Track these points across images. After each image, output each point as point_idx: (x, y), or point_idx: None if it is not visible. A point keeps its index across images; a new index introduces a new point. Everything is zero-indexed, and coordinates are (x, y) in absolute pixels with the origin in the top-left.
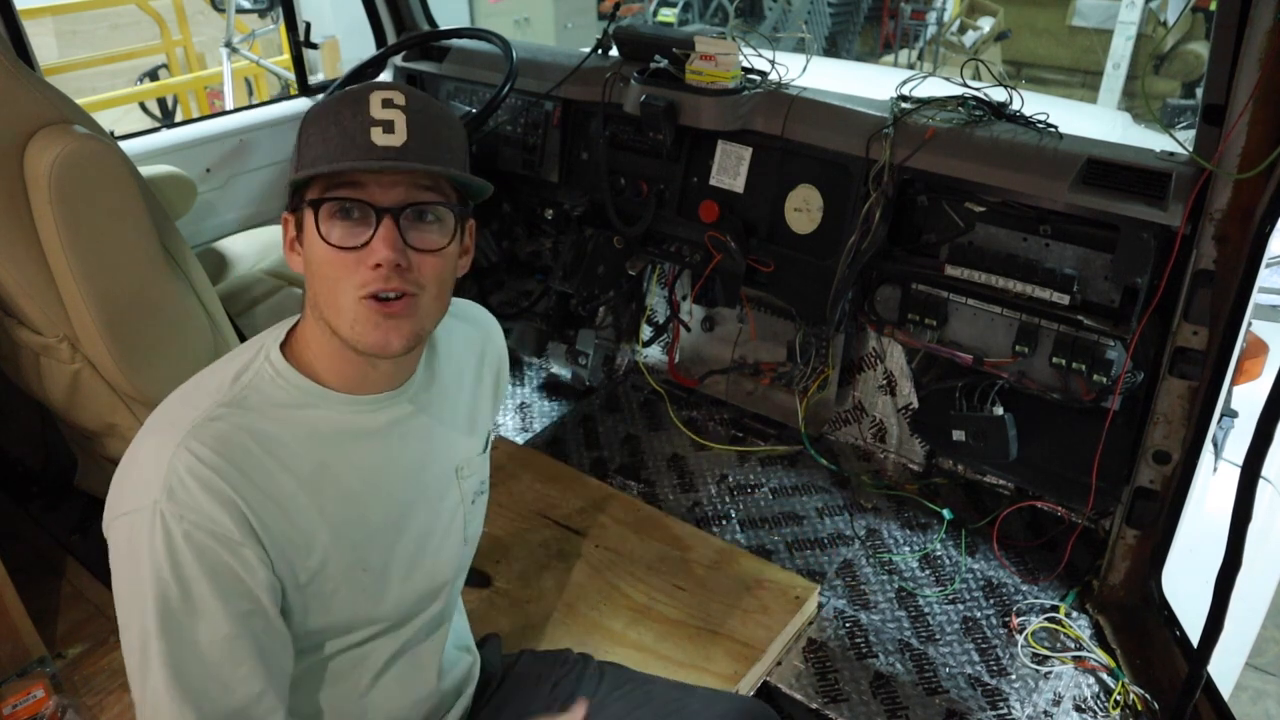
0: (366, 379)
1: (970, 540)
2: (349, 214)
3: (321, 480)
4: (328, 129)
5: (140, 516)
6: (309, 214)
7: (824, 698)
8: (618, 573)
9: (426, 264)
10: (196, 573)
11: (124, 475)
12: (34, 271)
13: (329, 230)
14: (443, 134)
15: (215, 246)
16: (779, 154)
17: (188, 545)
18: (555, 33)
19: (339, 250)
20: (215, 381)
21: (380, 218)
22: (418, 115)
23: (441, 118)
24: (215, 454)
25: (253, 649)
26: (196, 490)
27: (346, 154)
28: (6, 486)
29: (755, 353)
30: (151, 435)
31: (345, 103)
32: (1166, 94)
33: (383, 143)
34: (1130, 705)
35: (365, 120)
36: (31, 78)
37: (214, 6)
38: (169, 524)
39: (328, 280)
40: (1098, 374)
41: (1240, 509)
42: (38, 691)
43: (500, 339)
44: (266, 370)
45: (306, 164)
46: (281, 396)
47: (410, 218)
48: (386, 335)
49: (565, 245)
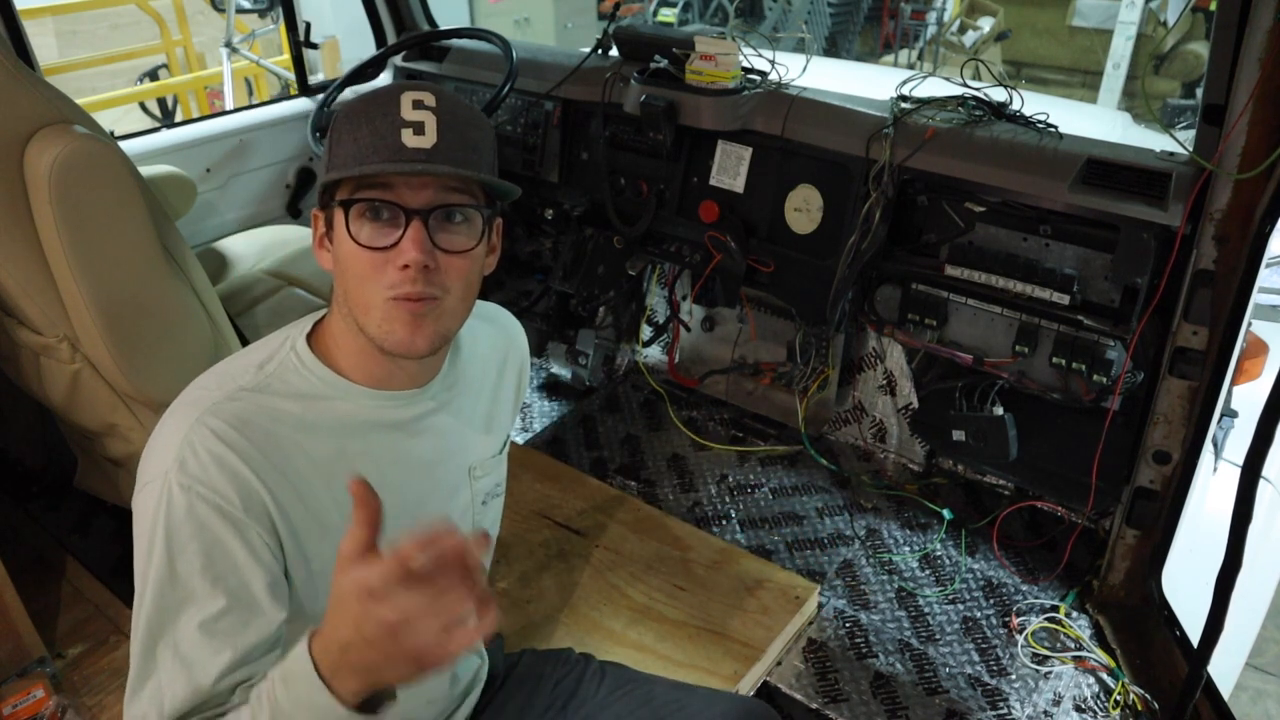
0: (392, 376)
1: (970, 540)
2: (378, 214)
3: (338, 467)
4: (359, 129)
5: (153, 487)
6: (339, 213)
7: (824, 698)
8: (618, 573)
9: (453, 265)
10: (190, 549)
11: (145, 453)
12: (34, 271)
13: (358, 230)
14: (472, 136)
15: (215, 246)
16: (779, 154)
17: (189, 519)
18: (555, 33)
19: (368, 250)
20: (239, 367)
21: (409, 219)
22: (448, 117)
23: (471, 119)
24: (233, 430)
25: (228, 636)
26: (208, 462)
27: (377, 155)
28: (6, 486)
29: (755, 353)
30: (172, 414)
31: (376, 103)
32: (1166, 94)
33: (413, 144)
34: (1130, 705)
35: (396, 121)
36: (31, 78)
37: (214, 6)
38: (174, 494)
39: (356, 278)
40: (1098, 374)
41: (1240, 509)
42: (38, 691)
43: (523, 343)
44: (292, 360)
45: (337, 164)
46: (305, 387)
47: (439, 219)
48: (412, 336)
49: (565, 245)
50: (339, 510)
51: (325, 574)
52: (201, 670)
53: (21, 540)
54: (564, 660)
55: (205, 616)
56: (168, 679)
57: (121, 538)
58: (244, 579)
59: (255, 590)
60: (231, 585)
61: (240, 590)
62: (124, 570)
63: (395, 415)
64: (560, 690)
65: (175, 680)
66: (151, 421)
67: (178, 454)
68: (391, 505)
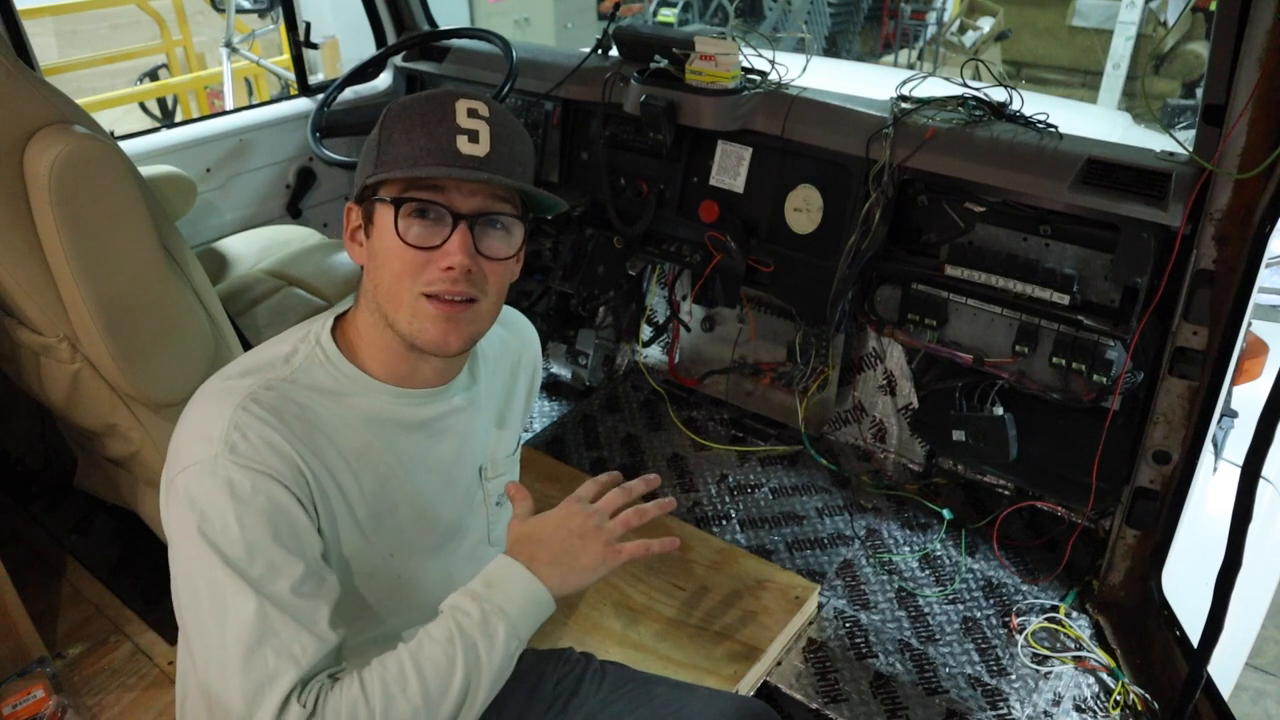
0: (414, 374)
1: (970, 540)
2: (425, 215)
3: (363, 460)
4: (413, 131)
5: (201, 469)
6: (385, 210)
7: (824, 698)
8: (618, 573)
9: (493, 271)
10: (262, 522)
11: (181, 438)
12: (34, 271)
13: (407, 228)
14: (517, 148)
15: (215, 246)
16: (779, 154)
17: (255, 494)
18: (555, 33)
19: (413, 249)
20: (267, 359)
21: (457, 223)
22: (499, 129)
23: (518, 133)
24: (274, 416)
25: (314, 598)
26: (259, 444)
27: (432, 158)
28: (6, 486)
29: (755, 353)
30: (206, 404)
31: (431, 107)
32: (1166, 94)
33: (468, 151)
34: (1130, 705)
35: (452, 127)
36: (31, 78)
37: (214, 6)
38: (234, 475)
39: (394, 274)
40: (1098, 374)
41: (1240, 509)
42: (38, 691)
43: (537, 347)
44: (317, 354)
45: (390, 163)
46: (329, 383)
47: (484, 225)
48: (446, 335)
49: (565, 245)
50: (365, 503)
51: (355, 558)
52: (318, 626)
53: (21, 540)
54: (564, 660)
55: (293, 581)
56: (289, 636)
57: (122, 538)
58: (311, 547)
59: (320, 558)
60: (305, 553)
61: (311, 558)
62: (124, 570)
63: (417, 414)
64: (560, 690)
65: (298, 635)
66: (152, 421)
67: (225, 439)
68: (410, 503)
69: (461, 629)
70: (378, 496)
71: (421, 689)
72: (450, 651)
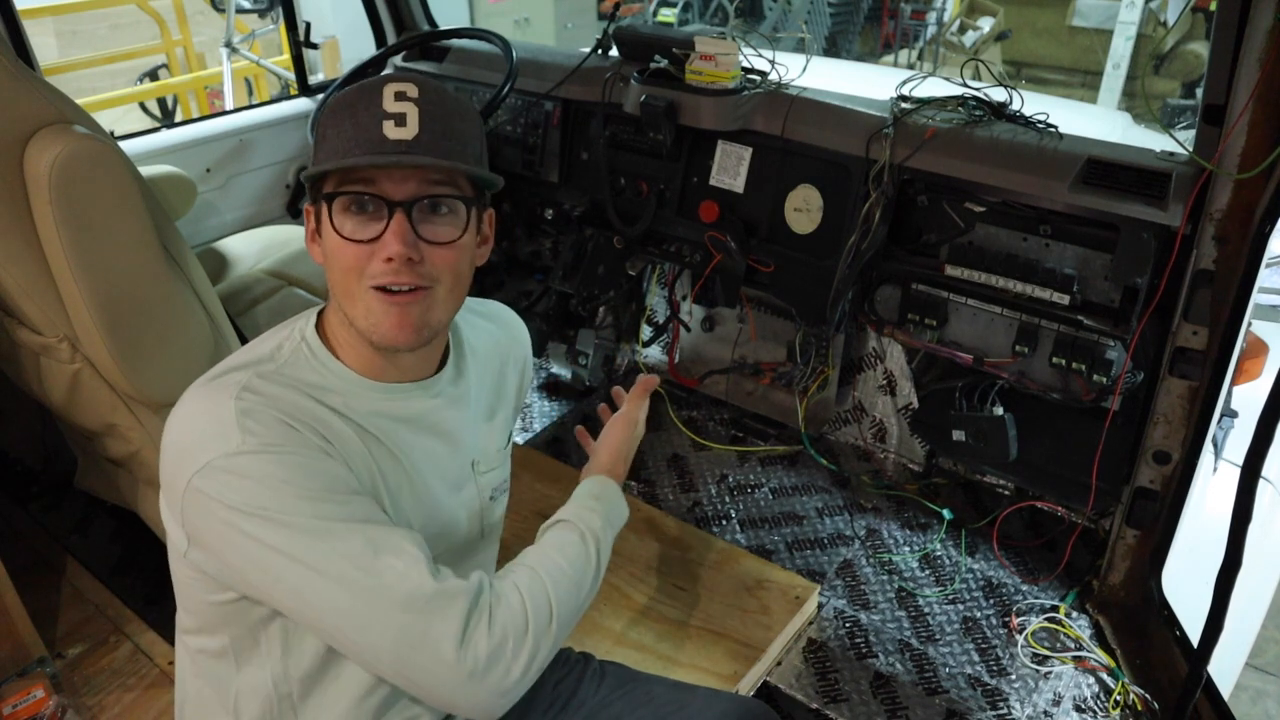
0: (389, 368)
1: (970, 540)
2: (364, 207)
3: (359, 452)
4: (342, 122)
5: (221, 463)
6: (324, 207)
7: (824, 698)
8: (618, 573)
9: (439, 256)
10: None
11: (182, 438)
12: (34, 271)
13: (342, 223)
14: (455, 126)
15: (215, 246)
16: (779, 154)
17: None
18: (555, 33)
19: (352, 243)
20: (255, 355)
21: (392, 211)
22: (431, 108)
23: (456, 110)
24: (272, 400)
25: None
26: (273, 424)
27: (359, 147)
28: (6, 486)
29: (755, 353)
30: (197, 401)
31: (360, 95)
32: (1166, 94)
33: (394, 136)
34: (1130, 705)
35: (378, 113)
36: (31, 78)
37: (214, 6)
38: (260, 459)
39: (342, 271)
40: (1098, 374)
41: (1240, 509)
42: (38, 691)
43: (526, 341)
44: (303, 350)
45: (321, 158)
46: (314, 378)
47: (424, 210)
48: (399, 327)
49: (565, 245)
50: (370, 483)
51: None
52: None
53: (21, 540)
54: (564, 660)
55: (370, 509)
56: (401, 535)
57: (122, 538)
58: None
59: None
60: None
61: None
62: (124, 570)
63: (404, 409)
64: (560, 690)
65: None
66: (151, 421)
67: (239, 427)
68: (403, 496)
69: (591, 530)
70: (377, 482)
71: (574, 572)
72: (586, 550)
